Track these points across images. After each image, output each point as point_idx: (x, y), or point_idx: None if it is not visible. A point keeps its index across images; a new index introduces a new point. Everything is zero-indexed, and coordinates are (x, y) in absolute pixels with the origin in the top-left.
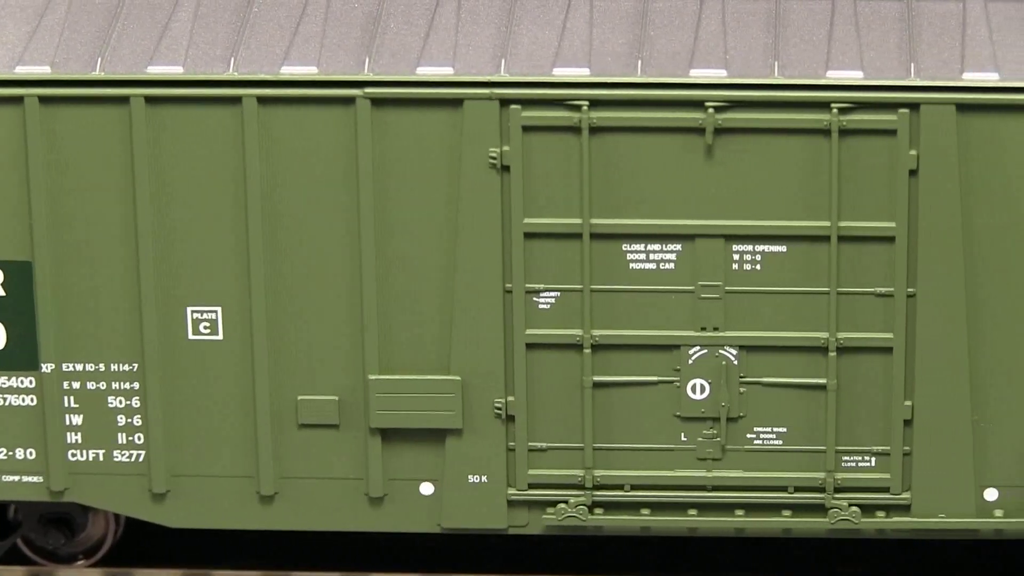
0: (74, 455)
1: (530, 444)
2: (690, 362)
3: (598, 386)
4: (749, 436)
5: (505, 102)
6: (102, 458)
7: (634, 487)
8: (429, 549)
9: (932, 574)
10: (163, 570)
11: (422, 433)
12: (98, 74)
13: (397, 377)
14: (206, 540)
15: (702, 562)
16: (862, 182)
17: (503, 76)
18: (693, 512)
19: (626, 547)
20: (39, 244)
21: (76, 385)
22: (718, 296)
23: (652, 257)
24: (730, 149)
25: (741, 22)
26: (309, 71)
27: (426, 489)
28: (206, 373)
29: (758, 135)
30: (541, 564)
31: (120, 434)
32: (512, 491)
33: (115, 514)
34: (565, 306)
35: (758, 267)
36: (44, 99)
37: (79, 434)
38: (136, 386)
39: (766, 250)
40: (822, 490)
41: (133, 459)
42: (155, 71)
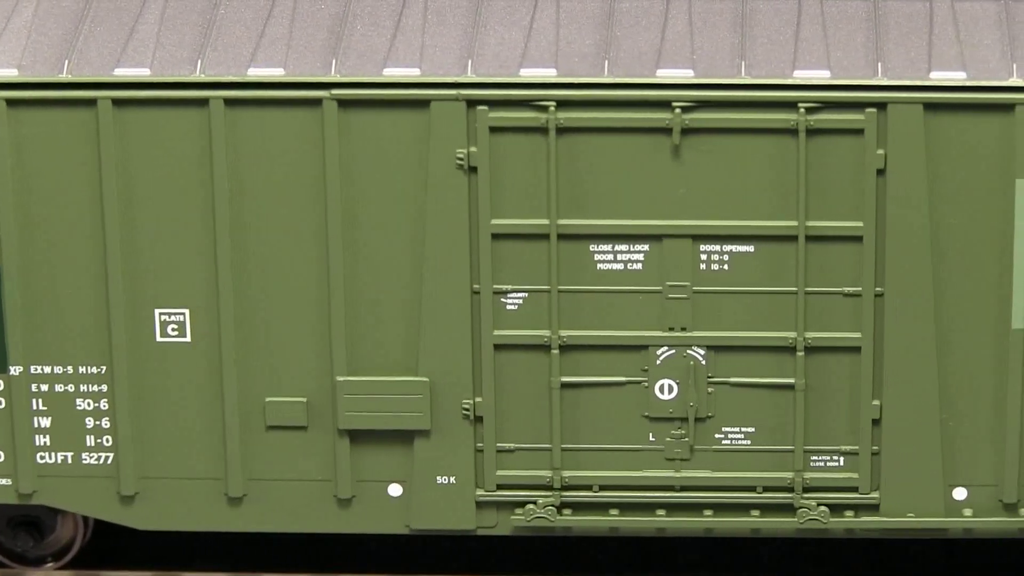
0: (43, 457)
1: (498, 445)
2: (658, 362)
3: (566, 387)
4: (717, 436)
5: (472, 103)
6: (71, 460)
7: (602, 487)
8: (414, 549)
9: (903, 574)
10: (132, 572)
11: (390, 434)
12: (65, 76)
13: (365, 378)
14: (176, 542)
15: (687, 562)
16: (830, 182)
17: (470, 77)
18: (662, 512)
19: (612, 546)
20: (7, 246)
21: (44, 388)
22: (686, 296)
23: (620, 257)
24: (697, 149)
25: (708, 22)
26: (276, 73)
27: (394, 490)
28: (174, 375)
29: (725, 135)
30: (527, 563)
31: (88, 436)
32: (480, 492)
33: (84, 516)
34: (533, 307)
35: (726, 267)
36: (11, 102)
37: (47, 436)
38: (104, 388)
39: (734, 250)
40: (791, 490)
41: (101, 461)
42: (122, 73)
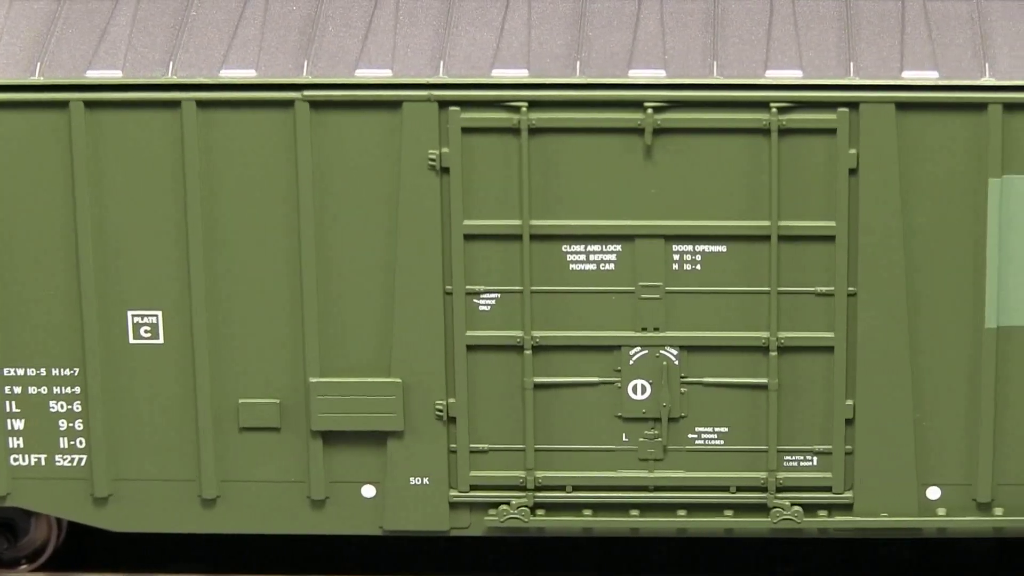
0: (16, 460)
1: (471, 446)
2: (631, 363)
3: (539, 387)
4: (691, 436)
5: (444, 104)
6: (44, 463)
7: (576, 488)
8: (404, 550)
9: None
10: (106, 574)
11: (363, 436)
12: (37, 79)
13: (338, 380)
14: (151, 544)
15: (662, 563)
16: (802, 181)
17: (442, 78)
18: (635, 513)
19: (595, 548)
20: None
21: (17, 390)
22: (658, 296)
23: (592, 258)
24: (669, 149)
25: (680, 22)
26: (248, 74)
27: (368, 491)
28: (147, 377)
29: (697, 135)
30: (504, 564)
31: (62, 438)
32: (454, 493)
33: (58, 518)
34: (505, 307)
35: (698, 267)
36: None
37: (21, 439)
38: (77, 390)
39: (706, 250)
40: (764, 490)
41: (75, 463)
42: (94, 75)
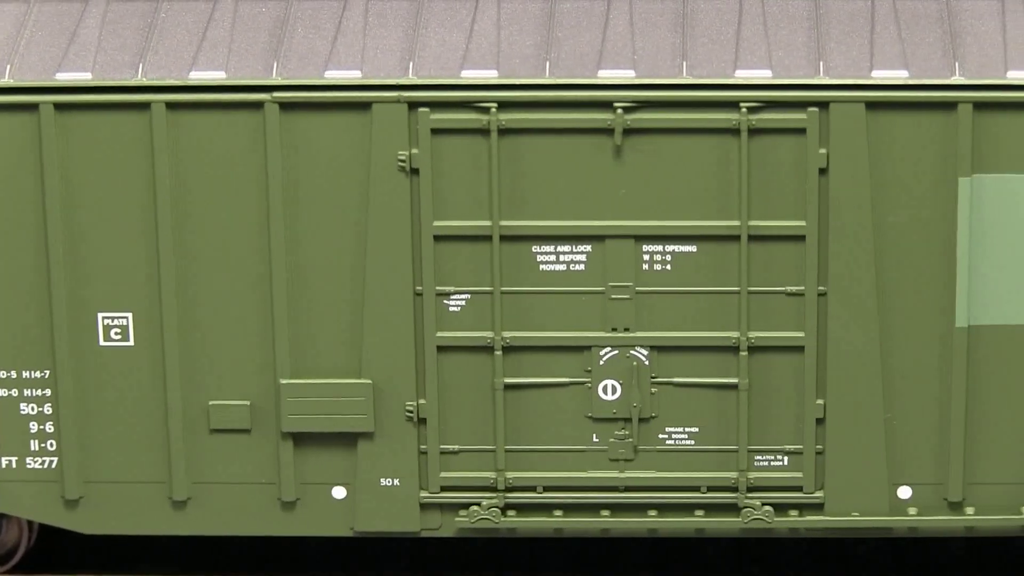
0: None
1: (442, 447)
2: (601, 363)
3: (509, 388)
4: (661, 436)
5: (413, 105)
6: (15, 465)
7: (547, 488)
8: (383, 550)
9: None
10: None
11: (334, 437)
12: (7, 81)
13: (308, 381)
14: (122, 545)
15: (634, 564)
16: (772, 181)
17: (411, 79)
18: (606, 513)
19: (589, 546)
20: None
21: None
22: (628, 297)
23: (562, 258)
24: (639, 149)
25: (649, 22)
26: (217, 76)
27: (338, 493)
28: (118, 379)
29: (667, 135)
30: (475, 564)
31: (32, 441)
32: (424, 494)
33: (29, 521)
34: (476, 308)
35: (668, 267)
36: None
37: None
38: (48, 393)
39: (676, 250)
40: (735, 490)
41: (46, 466)
42: (64, 78)
